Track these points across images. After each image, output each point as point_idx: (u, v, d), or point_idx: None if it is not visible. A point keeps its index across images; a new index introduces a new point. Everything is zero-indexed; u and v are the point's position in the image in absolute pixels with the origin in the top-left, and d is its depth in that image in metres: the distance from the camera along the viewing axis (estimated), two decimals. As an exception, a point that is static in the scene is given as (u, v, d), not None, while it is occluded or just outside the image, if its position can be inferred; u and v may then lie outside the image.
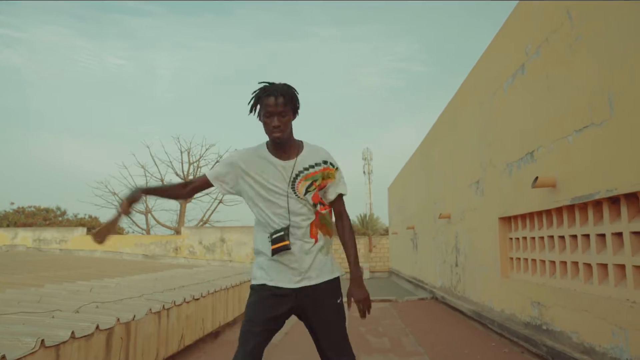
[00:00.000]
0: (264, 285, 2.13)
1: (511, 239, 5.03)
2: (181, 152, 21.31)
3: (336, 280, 2.24)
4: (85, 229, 9.91)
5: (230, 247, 9.08)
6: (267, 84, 2.08)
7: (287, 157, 2.13)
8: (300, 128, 2.20)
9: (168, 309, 3.72)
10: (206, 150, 26.67)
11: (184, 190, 2.26)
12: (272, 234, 2.10)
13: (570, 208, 3.75)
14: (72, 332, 2.40)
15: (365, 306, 2.20)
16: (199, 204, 30.89)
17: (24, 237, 9.88)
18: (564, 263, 3.89)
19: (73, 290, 3.95)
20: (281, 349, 4.71)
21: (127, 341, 3.03)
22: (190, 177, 21.08)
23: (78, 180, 39.84)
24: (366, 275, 18.54)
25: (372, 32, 53.13)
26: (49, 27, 40.64)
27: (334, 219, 2.29)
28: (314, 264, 2.15)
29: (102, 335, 2.71)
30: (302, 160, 2.14)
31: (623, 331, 2.93)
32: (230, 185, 2.18)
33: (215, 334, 5.19)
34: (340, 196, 2.24)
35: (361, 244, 20.98)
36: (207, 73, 48.64)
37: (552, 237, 4.10)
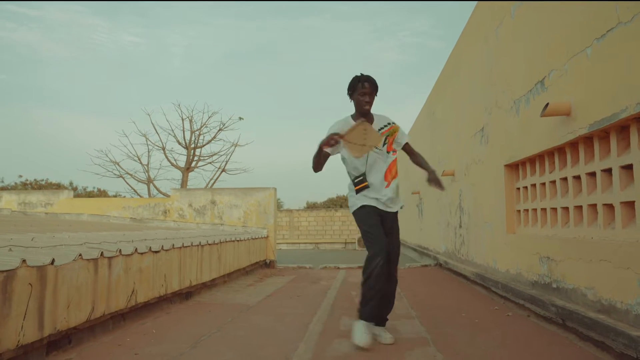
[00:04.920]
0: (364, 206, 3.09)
1: (518, 188, 4.40)
2: (182, 120, 20.61)
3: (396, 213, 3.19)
4: (72, 192, 9.48)
5: (221, 210, 8.59)
6: (361, 75, 3.00)
7: None
8: (314, 104, 3.24)
9: (110, 258, 3.19)
10: (209, 118, 25.68)
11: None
12: (354, 179, 3.09)
13: (588, 140, 3.10)
14: (-63, 269, 1.87)
15: (433, 179, 3.11)
16: (201, 173, 30.44)
17: (9, 201, 9.49)
18: (578, 208, 3.27)
19: (6, 239, 3.44)
20: (256, 311, 4.20)
21: (42, 289, 2.50)
22: (192, 145, 20.59)
23: (88, 156, 39.46)
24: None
25: (387, 6, 51.56)
26: (64, 4, 39.89)
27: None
28: (388, 198, 3.07)
29: (-5, 279, 2.18)
30: (376, 125, 3.06)
31: (652, 280, 2.32)
32: (335, 151, 3.05)
33: (186, 294, 4.70)
34: (407, 143, 3.20)
35: (369, 216, 20.37)
36: (220, 49, 47.80)
37: (565, 179, 3.46)
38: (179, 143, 20.76)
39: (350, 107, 3.13)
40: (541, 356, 2.66)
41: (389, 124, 3.12)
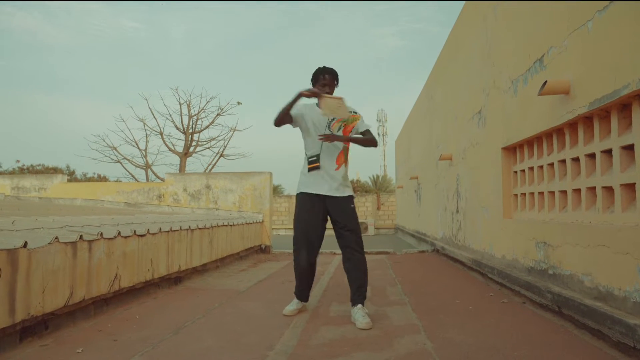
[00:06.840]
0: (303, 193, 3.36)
1: (516, 172, 4.27)
2: (180, 104, 20.36)
3: (349, 197, 3.35)
4: (66, 177, 9.36)
5: (216, 195, 8.47)
6: (323, 67, 3.33)
7: None
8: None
9: (90, 241, 3.08)
10: (207, 102, 25.51)
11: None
12: (309, 158, 3.33)
13: (588, 120, 2.97)
14: None
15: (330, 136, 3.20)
16: (200, 159, 30.23)
17: (2, 185, 9.38)
18: (577, 191, 3.14)
19: (-16, 221, 3.32)
20: (246, 296, 4.11)
21: (13, 273, 2.40)
22: (190, 130, 20.41)
23: (85, 141, 39.19)
24: (371, 231, 17.94)
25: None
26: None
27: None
28: (338, 182, 3.29)
29: (-41, 262, 2.08)
30: None
31: (652, 266, 2.20)
32: (296, 122, 3.38)
33: (175, 280, 4.60)
34: (367, 130, 3.37)
35: (369, 201, 20.30)
36: (220, 35, 47.31)
37: (563, 161, 3.33)
38: (177, 128, 20.58)
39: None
40: (534, 344, 2.55)
41: (351, 112, 3.35)
